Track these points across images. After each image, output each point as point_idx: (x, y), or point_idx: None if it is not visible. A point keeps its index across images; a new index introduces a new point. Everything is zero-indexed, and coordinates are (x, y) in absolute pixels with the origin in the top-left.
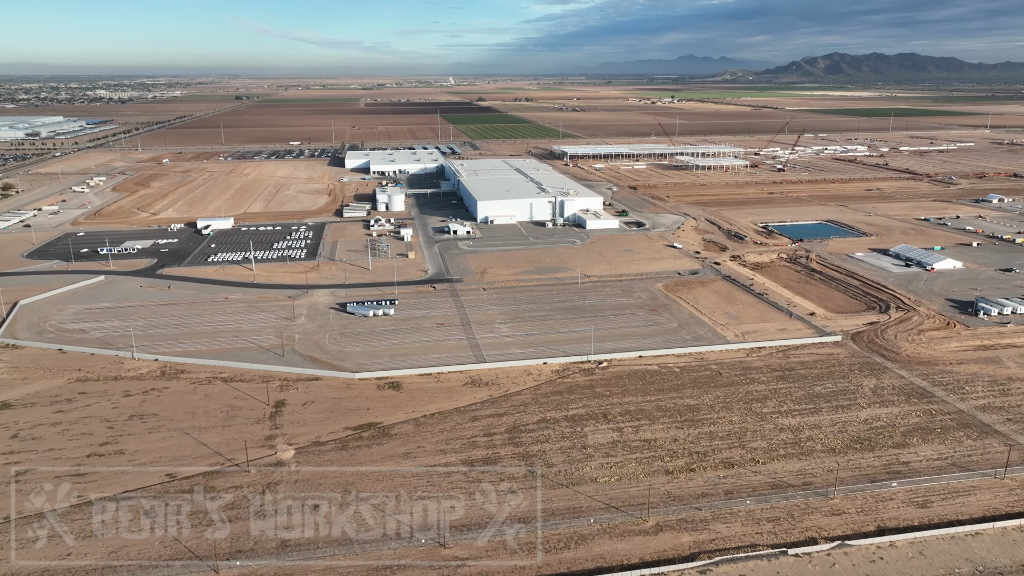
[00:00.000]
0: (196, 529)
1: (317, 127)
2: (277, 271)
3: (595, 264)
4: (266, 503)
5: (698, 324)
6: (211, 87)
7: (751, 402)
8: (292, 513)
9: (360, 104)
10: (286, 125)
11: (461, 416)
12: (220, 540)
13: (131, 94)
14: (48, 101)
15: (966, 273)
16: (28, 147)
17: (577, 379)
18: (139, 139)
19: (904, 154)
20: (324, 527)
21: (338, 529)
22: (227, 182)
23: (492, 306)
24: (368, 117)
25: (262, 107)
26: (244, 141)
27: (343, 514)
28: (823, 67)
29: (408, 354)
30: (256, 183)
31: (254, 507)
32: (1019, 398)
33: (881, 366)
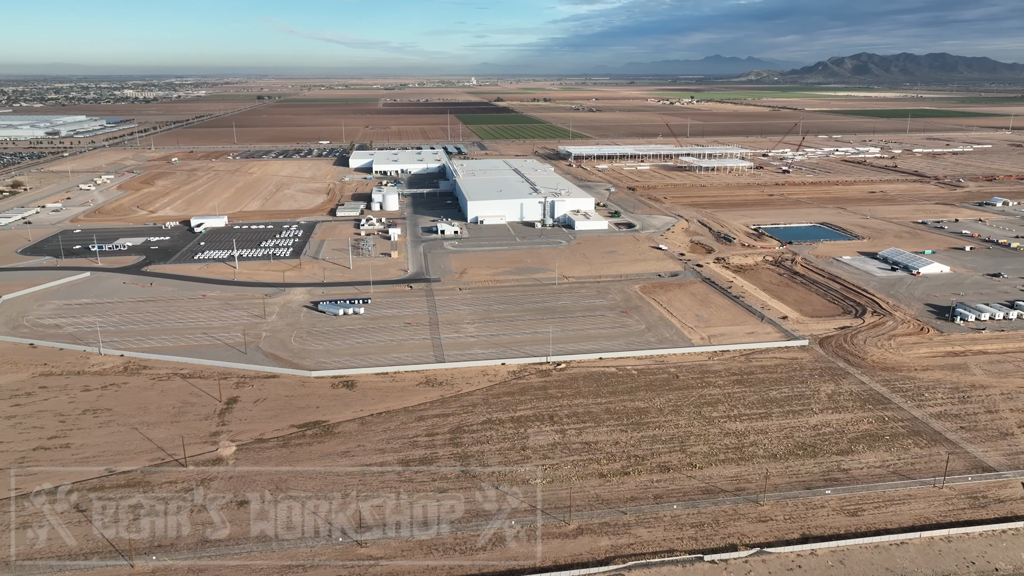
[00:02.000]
0: (122, 524)
1: (332, 127)
2: (260, 269)
3: (576, 265)
4: (195, 499)
5: (666, 327)
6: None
7: (702, 406)
8: (218, 510)
9: (379, 104)
10: (301, 125)
11: (408, 416)
12: (143, 535)
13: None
14: (76, 101)
15: (952, 278)
16: (46, 145)
17: (532, 380)
18: (153, 138)
19: (916, 156)
20: (247, 525)
21: (260, 527)
22: (230, 181)
23: (464, 306)
24: (383, 117)
25: (282, 107)
26: (257, 140)
27: (268, 512)
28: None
29: (369, 353)
30: (259, 182)
31: (183, 503)
32: (977, 406)
33: (843, 371)
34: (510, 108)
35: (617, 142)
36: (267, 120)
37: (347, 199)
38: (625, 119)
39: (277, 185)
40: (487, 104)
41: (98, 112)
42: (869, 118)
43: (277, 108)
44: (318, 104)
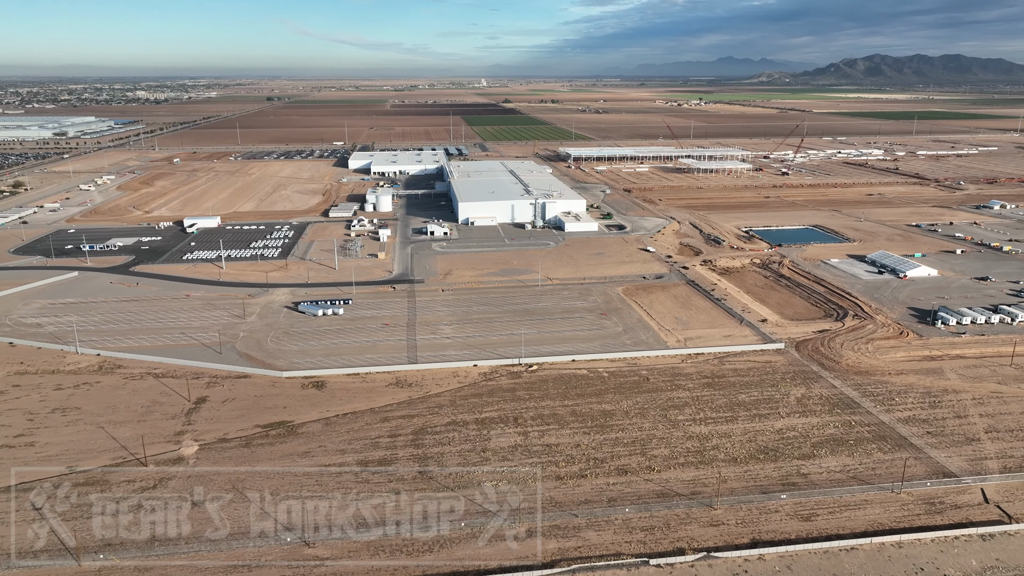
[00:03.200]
0: (76, 522)
1: (337, 128)
2: (246, 269)
3: (562, 267)
4: (152, 498)
5: (644, 329)
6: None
7: (669, 409)
8: (172, 509)
9: (386, 106)
10: (307, 126)
11: (373, 416)
12: (95, 533)
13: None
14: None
15: (939, 281)
16: (52, 146)
17: (502, 382)
18: (158, 139)
19: (920, 158)
20: (199, 524)
21: (211, 527)
22: (229, 182)
23: (444, 307)
24: (389, 118)
25: (290, 108)
26: (261, 141)
27: (222, 512)
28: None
29: (343, 354)
30: (257, 183)
31: (137, 502)
32: (947, 411)
33: (816, 375)
34: (517, 110)
35: (619, 144)
36: (274, 121)
37: (342, 200)
38: (630, 121)
39: (275, 186)
40: (494, 106)
41: (108, 113)
42: (876, 120)
43: (285, 109)
44: (327, 105)
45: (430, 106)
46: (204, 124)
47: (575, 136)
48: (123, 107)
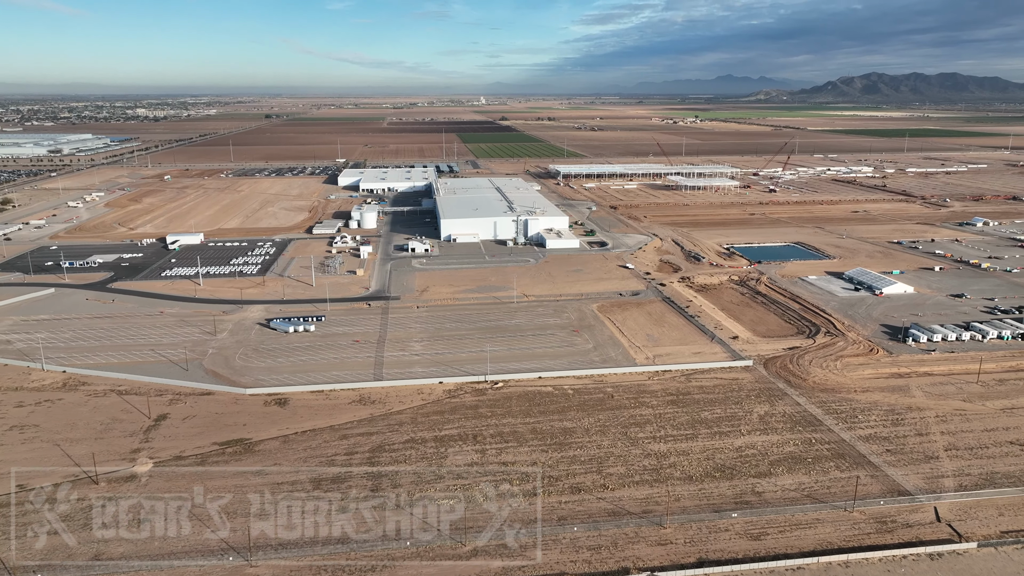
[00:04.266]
0: (20, 540)
1: (332, 145)
2: (223, 286)
3: (539, 284)
4: (98, 515)
5: (614, 346)
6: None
7: (630, 427)
8: (117, 527)
9: (383, 123)
10: (302, 143)
11: (332, 434)
12: (35, 550)
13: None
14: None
15: (914, 298)
16: (46, 163)
17: (466, 399)
18: (152, 156)
19: (909, 175)
20: (143, 544)
21: (156, 545)
22: (217, 199)
23: (416, 324)
24: (385, 136)
25: (287, 125)
26: (254, 159)
27: (167, 530)
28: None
29: (309, 371)
30: (245, 199)
31: (84, 519)
32: (909, 428)
33: (781, 392)
34: (512, 127)
35: (610, 161)
36: (269, 138)
37: (328, 217)
38: (624, 138)
39: (262, 203)
40: (490, 123)
41: (107, 131)
42: (869, 137)
43: (282, 127)
44: (324, 123)
45: (427, 123)
46: (200, 141)
47: (567, 153)
48: (121, 124)
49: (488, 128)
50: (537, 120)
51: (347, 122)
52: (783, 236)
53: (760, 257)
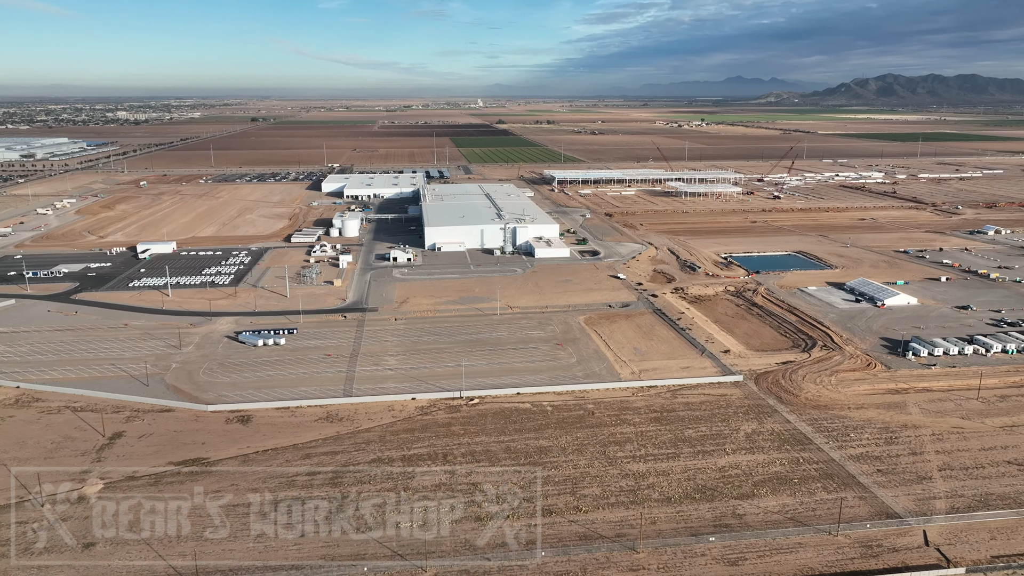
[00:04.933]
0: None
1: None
2: (193, 297)
3: (525, 295)
4: (41, 540)
5: (598, 360)
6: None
7: (609, 445)
8: (59, 551)
9: (374, 127)
10: (288, 147)
11: (295, 453)
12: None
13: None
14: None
15: (917, 310)
16: (17, 168)
17: (438, 416)
18: (129, 161)
19: (921, 181)
20: (85, 571)
21: (97, 570)
22: (194, 205)
23: (393, 337)
24: (375, 140)
25: (274, 129)
26: (236, 164)
27: (110, 554)
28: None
29: (276, 386)
30: (223, 206)
31: (25, 544)
32: (902, 447)
33: (771, 409)
34: (509, 131)
35: (609, 166)
36: (254, 143)
37: (309, 225)
38: (625, 142)
39: (241, 210)
40: (486, 127)
41: (84, 134)
42: (882, 141)
43: (268, 130)
44: (313, 126)
45: (420, 127)
46: (181, 146)
47: (564, 158)
48: (100, 128)
49: (484, 132)
50: (536, 123)
51: (337, 125)
52: (785, 245)
53: (759, 267)
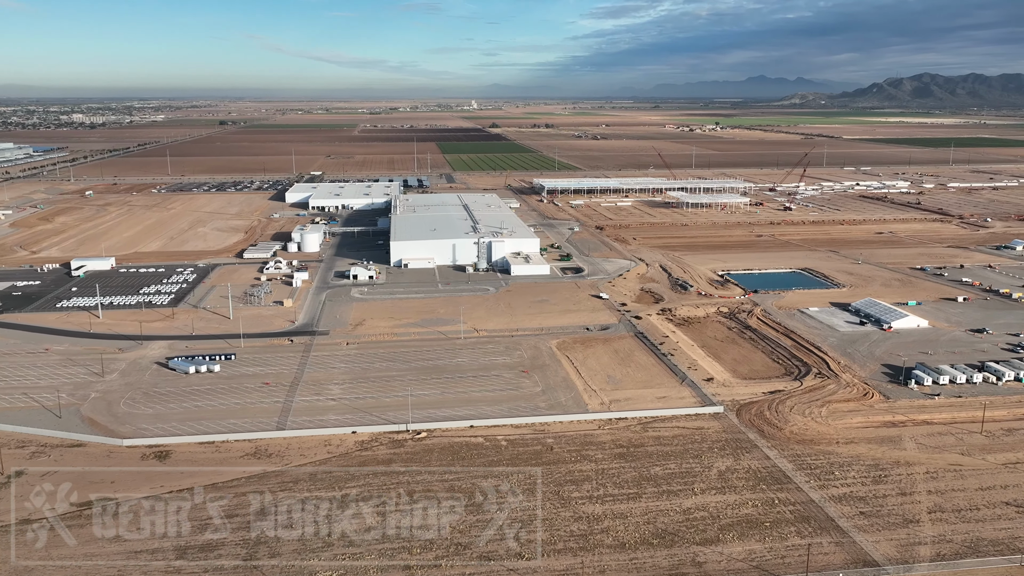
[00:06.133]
0: None
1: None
2: (126, 319)
3: (495, 316)
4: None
5: (566, 389)
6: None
7: (565, 484)
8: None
9: (354, 131)
10: (256, 153)
11: (213, 493)
12: None
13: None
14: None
15: (927, 333)
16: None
17: (379, 452)
18: (76, 169)
19: (950, 191)
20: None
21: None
22: (142, 217)
23: (340, 363)
24: (353, 145)
25: (244, 133)
26: (197, 171)
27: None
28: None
29: (203, 418)
30: (174, 218)
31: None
32: (891, 487)
33: (751, 444)
34: (503, 135)
35: (607, 174)
36: (219, 148)
37: (266, 238)
38: (629, 148)
39: (193, 222)
40: (478, 131)
41: (33, 139)
42: (911, 147)
43: (237, 135)
44: (286, 130)
45: (405, 131)
46: (138, 152)
47: (558, 165)
48: (52, 132)
49: (474, 136)
50: (533, 127)
51: (313, 129)
52: (790, 261)
53: (758, 285)
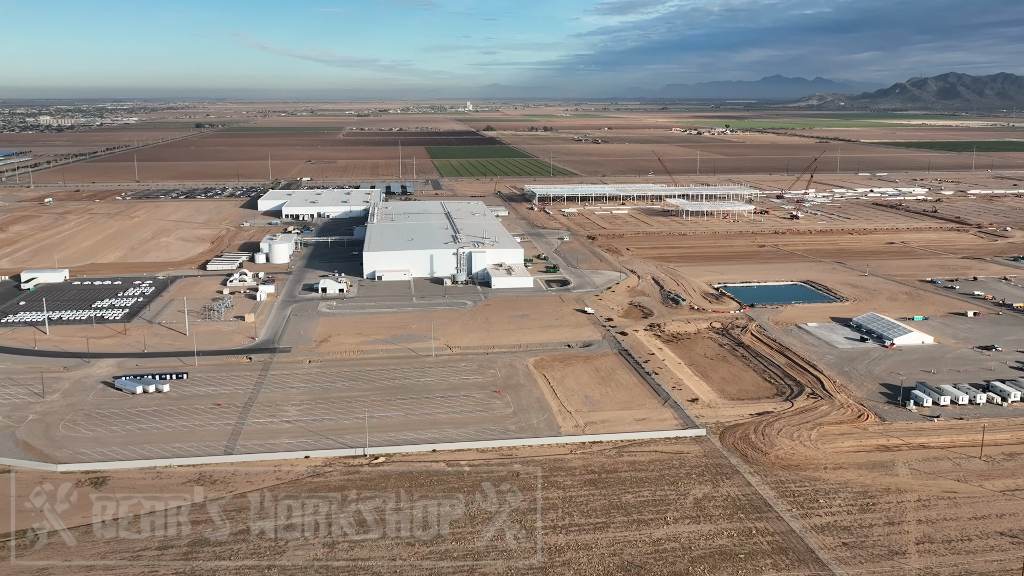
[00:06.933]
0: None
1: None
2: (75, 335)
3: (471, 332)
4: None
5: (539, 411)
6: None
7: (528, 513)
8: None
9: (339, 135)
10: (232, 158)
11: (151, 521)
12: None
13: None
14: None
15: (932, 351)
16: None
17: (332, 478)
18: (38, 175)
19: (970, 198)
20: None
21: None
22: (102, 226)
23: (300, 383)
24: (337, 149)
25: (220, 137)
26: (166, 177)
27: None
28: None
29: (147, 442)
30: (137, 227)
31: None
32: (879, 515)
33: (732, 470)
34: (498, 139)
35: (605, 180)
36: (194, 152)
37: (233, 249)
38: (631, 152)
39: (156, 231)
40: (472, 134)
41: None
42: (934, 152)
43: (214, 138)
44: (267, 133)
45: (393, 134)
46: (105, 156)
47: (553, 171)
48: (15, 136)
49: (467, 140)
50: (530, 130)
51: (296, 133)
52: (792, 273)
53: (756, 299)
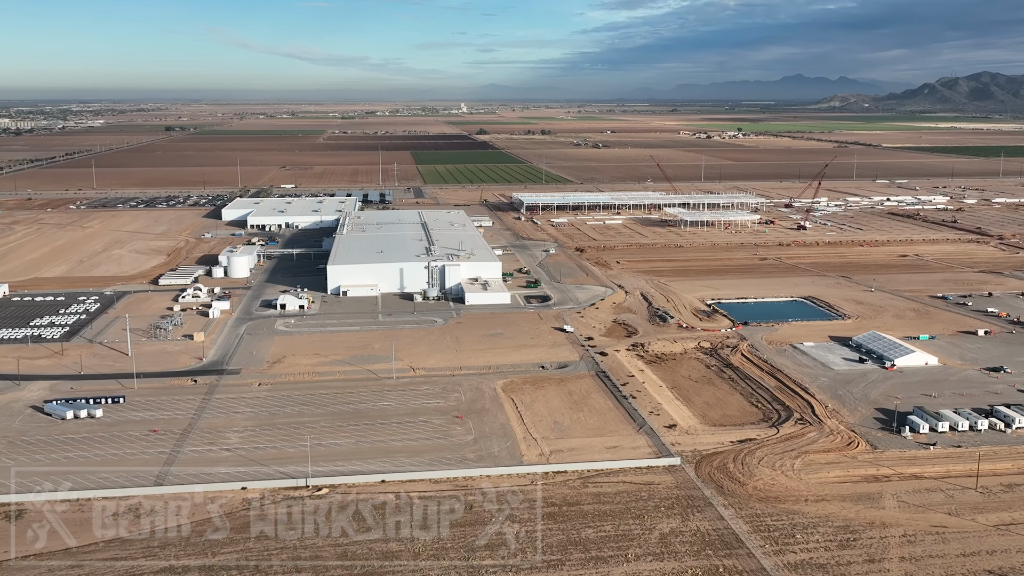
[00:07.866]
0: None
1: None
2: (7, 356)
3: (437, 353)
4: None
5: (502, 438)
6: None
7: (479, 549)
8: None
9: (319, 139)
10: (201, 164)
11: (64, 560)
12: None
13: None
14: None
15: (935, 373)
16: None
17: (269, 511)
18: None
19: (993, 207)
20: None
21: None
22: (52, 237)
23: (246, 408)
24: (315, 154)
25: (191, 141)
26: (126, 184)
27: None
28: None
29: (72, 472)
30: (89, 239)
31: None
32: (859, 552)
33: (704, 502)
34: (490, 143)
35: (600, 188)
36: (160, 158)
37: (191, 262)
38: (632, 157)
39: (108, 243)
40: (463, 138)
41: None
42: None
43: (184, 142)
44: (242, 137)
45: (378, 138)
46: (63, 162)
47: (546, 178)
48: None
49: (457, 144)
50: (526, 134)
51: (274, 136)
52: (793, 289)
53: (751, 317)
